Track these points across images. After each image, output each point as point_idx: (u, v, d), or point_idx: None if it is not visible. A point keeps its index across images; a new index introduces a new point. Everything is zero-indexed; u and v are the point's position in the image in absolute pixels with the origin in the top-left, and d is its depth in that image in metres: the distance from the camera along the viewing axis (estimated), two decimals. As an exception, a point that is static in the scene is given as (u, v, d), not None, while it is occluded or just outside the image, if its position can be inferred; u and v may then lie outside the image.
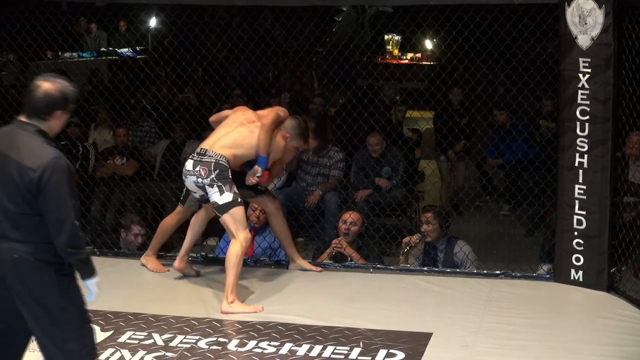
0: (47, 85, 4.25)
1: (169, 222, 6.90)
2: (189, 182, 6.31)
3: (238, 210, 6.18)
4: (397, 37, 16.02)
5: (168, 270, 6.84)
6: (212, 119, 6.73)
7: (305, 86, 12.19)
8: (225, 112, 6.72)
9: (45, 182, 4.12)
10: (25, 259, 4.21)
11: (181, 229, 7.03)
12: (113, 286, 6.64)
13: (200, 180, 6.20)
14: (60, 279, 4.27)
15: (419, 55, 15.84)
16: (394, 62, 15.46)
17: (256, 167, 6.33)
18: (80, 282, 4.36)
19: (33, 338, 4.49)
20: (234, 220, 6.16)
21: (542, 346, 5.50)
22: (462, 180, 9.72)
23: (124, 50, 14.88)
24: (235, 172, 6.31)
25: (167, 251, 7.47)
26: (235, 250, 6.15)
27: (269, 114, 6.46)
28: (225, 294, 6.13)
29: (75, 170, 8.88)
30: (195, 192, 6.37)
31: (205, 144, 6.35)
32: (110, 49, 14.98)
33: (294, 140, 6.50)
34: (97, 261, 7.13)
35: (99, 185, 9.00)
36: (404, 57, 15.92)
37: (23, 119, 4.27)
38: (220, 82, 9.31)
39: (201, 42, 8.89)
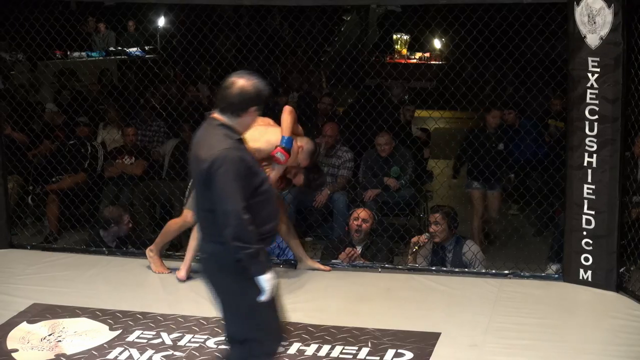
0: (242, 82, 4.29)
1: (172, 225, 6.88)
2: None
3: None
4: (405, 37, 16.01)
5: (170, 272, 6.82)
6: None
7: (314, 86, 12.19)
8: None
9: (213, 172, 4.11)
10: (209, 259, 4.28)
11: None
12: (121, 285, 6.67)
13: None
14: (242, 282, 4.24)
15: (427, 54, 15.83)
16: (403, 61, 15.45)
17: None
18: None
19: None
20: None
21: (550, 346, 5.49)
22: (497, 211, 8.76)
23: (133, 49, 14.89)
24: None
25: (175, 250, 7.48)
26: None
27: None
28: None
29: (84, 170, 8.99)
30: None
31: None
32: (119, 48, 15.00)
33: (302, 155, 6.47)
34: (105, 260, 7.28)
35: (108, 184, 9.01)
36: (413, 57, 15.91)
37: (214, 115, 4.31)
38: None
39: (209, 41, 8.89)
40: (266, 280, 4.24)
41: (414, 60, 15.67)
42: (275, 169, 6.36)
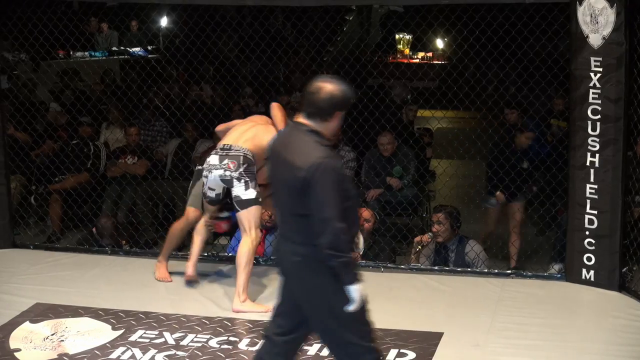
0: (330, 87, 4.29)
1: (176, 228, 6.86)
2: (213, 176, 6.29)
3: (257, 209, 6.21)
4: (408, 37, 16.00)
5: (171, 281, 6.78)
6: (220, 128, 6.71)
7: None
8: (235, 121, 6.72)
9: (312, 181, 4.13)
10: (304, 261, 4.26)
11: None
12: (124, 285, 6.68)
13: (228, 173, 6.21)
14: (337, 281, 4.23)
15: (430, 54, 15.83)
16: (405, 61, 15.44)
17: None
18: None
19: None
20: (252, 218, 6.19)
21: (553, 346, 5.50)
22: (520, 223, 8.13)
23: (136, 49, 14.89)
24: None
25: (178, 250, 7.48)
26: (247, 249, 6.16)
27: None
28: (237, 292, 6.15)
29: (87, 170, 8.99)
30: (214, 190, 6.36)
31: (228, 140, 6.35)
32: (122, 48, 15.00)
33: None
34: (108, 260, 7.29)
35: (111, 184, 9.01)
36: (415, 57, 15.90)
37: (300, 119, 4.31)
38: (231, 82, 9.32)
39: (212, 41, 8.89)
40: (356, 290, 4.24)
41: (417, 60, 15.66)
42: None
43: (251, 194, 6.18)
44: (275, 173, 4.40)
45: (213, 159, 6.28)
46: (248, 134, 6.35)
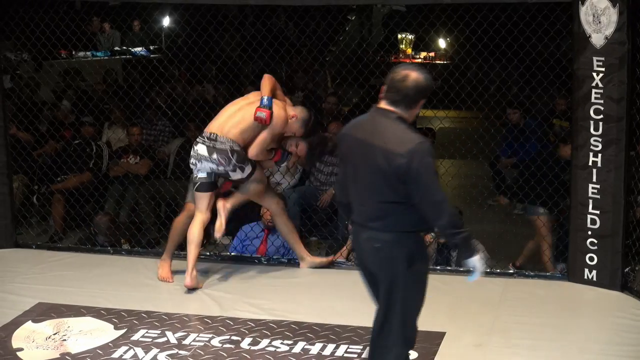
0: (415, 74, 4.32)
1: (177, 224, 6.85)
2: (204, 165, 6.36)
3: (258, 172, 6.51)
4: (410, 36, 16.00)
5: (173, 281, 6.72)
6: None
7: (319, 85, 12.20)
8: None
9: (416, 166, 4.16)
10: (383, 247, 4.30)
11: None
12: (126, 284, 6.68)
13: (222, 168, 6.31)
14: (413, 268, 4.32)
15: (432, 54, 15.83)
16: (407, 61, 15.44)
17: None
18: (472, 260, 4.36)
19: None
20: (259, 180, 6.55)
21: (555, 346, 5.49)
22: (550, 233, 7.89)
23: (138, 49, 14.90)
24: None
25: (180, 249, 7.48)
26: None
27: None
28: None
29: (89, 169, 9.00)
30: (204, 173, 6.44)
31: (214, 128, 6.41)
32: (124, 48, 15.01)
33: (296, 124, 6.54)
34: (110, 260, 7.30)
35: (113, 183, 9.02)
36: (418, 56, 15.90)
37: (385, 106, 4.34)
38: (234, 81, 9.32)
39: (215, 41, 8.89)
40: (478, 260, 4.35)
41: (419, 60, 15.66)
42: (263, 133, 6.42)
43: (248, 170, 6.40)
44: (355, 161, 4.37)
45: (201, 148, 6.35)
46: (235, 118, 6.42)
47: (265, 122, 6.35)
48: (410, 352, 5.36)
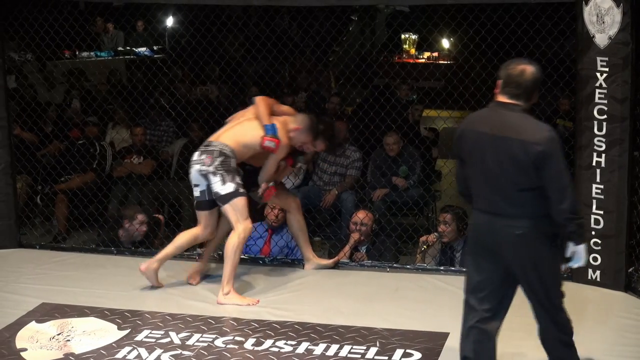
0: (530, 68, 4.65)
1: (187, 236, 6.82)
2: (194, 171, 6.34)
3: (239, 201, 6.22)
4: (413, 37, 16.00)
5: (163, 286, 6.68)
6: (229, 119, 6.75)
7: (322, 85, 12.20)
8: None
9: (551, 152, 4.45)
10: (526, 234, 4.54)
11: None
12: (130, 285, 6.68)
13: (204, 168, 6.24)
14: (552, 249, 4.61)
15: (435, 54, 15.82)
16: (411, 61, 15.43)
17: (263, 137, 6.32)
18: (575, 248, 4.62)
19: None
20: (235, 211, 6.21)
21: (559, 346, 5.48)
22: None
23: (142, 49, 14.92)
24: (249, 172, 6.38)
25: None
26: (233, 242, 6.21)
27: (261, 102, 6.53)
28: (222, 285, 6.19)
29: (92, 170, 9.01)
30: (198, 186, 6.36)
31: (212, 137, 6.43)
32: (128, 48, 15.02)
33: (302, 134, 6.48)
34: (114, 260, 7.30)
35: (117, 184, 9.03)
36: (421, 57, 15.89)
37: (507, 100, 4.61)
38: (237, 82, 9.34)
39: (218, 41, 8.90)
40: (584, 248, 4.63)
41: (423, 60, 15.66)
42: (271, 161, 6.41)
43: (229, 187, 6.20)
44: (484, 154, 4.59)
45: (196, 154, 6.36)
46: (234, 130, 6.41)
47: (274, 152, 6.37)
48: (414, 352, 5.39)
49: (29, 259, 7.31)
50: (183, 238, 6.55)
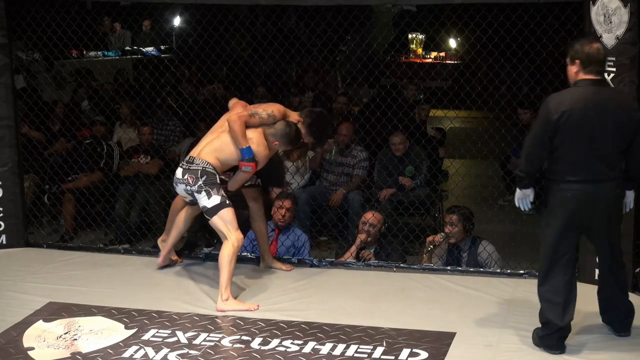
0: (599, 44, 5.29)
1: (178, 202, 6.89)
2: (180, 189, 6.42)
3: (226, 212, 6.23)
4: (420, 36, 16.00)
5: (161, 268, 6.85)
6: (230, 103, 6.74)
7: (329, 85, 12.21)
8: (233, 101, 6.75)
9: None
10: (620, 192, 5.31)
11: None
12: (137, 284, 6.69)
13: (189, 188, 6.29)
14: (620, 200, 5.36)
15: (442, 54, 15.82)
16: (418, 61, 15.44)
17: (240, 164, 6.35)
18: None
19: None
20: (224, 222, 6.22)
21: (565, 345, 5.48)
22: None
23: (149, 49, 14.94)
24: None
25: (191, 250, 7.50)
26: (227, 251, 6.21)
27: (234, 106, 6.55)
28: (219, 292, 6.19)
29: (100, 169, 9.03)
30: (186, 197, 6.48)
31: (194, 152, 6.45)
32: (135, 47, 15.05)
33: (282, 146, 6.55)
34: (121, 259, 7.31)
35: (124, 183, 9.04)
36: (428, 56, 15.90)
37: (596, 77, 5.20)
38: (244, 81, 9.34)
39: (225, 40, 8.90)
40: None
41: (429, 60, 15.66)
42: (244, 175, 6.47)
43: (215, 200, 6.22)
44: (591, 127, 5.11)
45: (178, 172, 6.40)
46: (213, 145, 6.41)
47: (253, 173, 6.47)
48: (420, 352, 5.39)
49: (37, 258, 7.32)
50: (182, 224, 6.75)
